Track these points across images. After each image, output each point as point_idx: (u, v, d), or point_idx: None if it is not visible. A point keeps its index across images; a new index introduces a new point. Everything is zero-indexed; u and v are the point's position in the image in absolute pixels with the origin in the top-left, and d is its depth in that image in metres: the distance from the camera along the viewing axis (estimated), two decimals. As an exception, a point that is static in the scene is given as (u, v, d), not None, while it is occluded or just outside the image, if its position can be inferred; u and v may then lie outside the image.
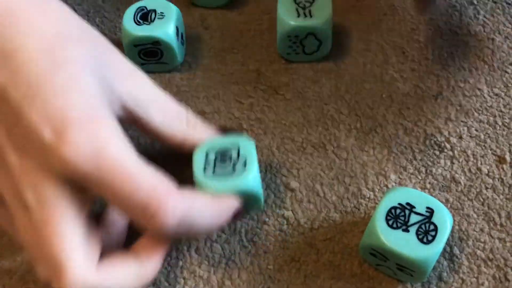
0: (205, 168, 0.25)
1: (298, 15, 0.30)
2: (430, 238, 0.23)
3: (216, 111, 0.31)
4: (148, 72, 0.32)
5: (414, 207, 0.23)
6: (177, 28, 0.32)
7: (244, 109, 0.31)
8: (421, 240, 0.23)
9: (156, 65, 0.32)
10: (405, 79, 0.31)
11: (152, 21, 0.31)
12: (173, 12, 0.32)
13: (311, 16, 0.30)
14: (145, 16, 0.31)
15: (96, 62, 0.23)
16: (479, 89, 0.30)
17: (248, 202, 0.25)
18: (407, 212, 0.23)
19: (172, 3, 0.34)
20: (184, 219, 0.22)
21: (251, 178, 0.24)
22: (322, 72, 0.32)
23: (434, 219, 0.23)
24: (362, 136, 0.29)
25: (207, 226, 0.23)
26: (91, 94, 0.23)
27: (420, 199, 0.24)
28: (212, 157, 0.25)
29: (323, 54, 0.32)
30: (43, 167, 0.21)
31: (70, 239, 0.21)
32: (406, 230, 0.23)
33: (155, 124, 0.25)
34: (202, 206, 0.23)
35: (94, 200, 0.23)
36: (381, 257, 0.24)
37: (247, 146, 0.25)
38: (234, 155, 0.25)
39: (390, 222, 0.23)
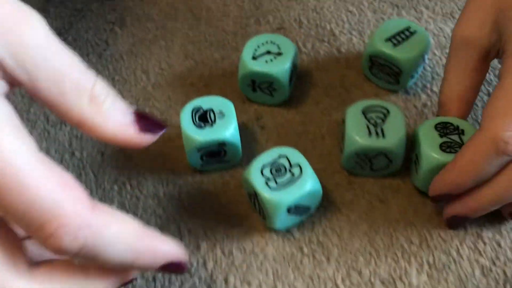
0: (267, 184, 0.26)
1: (370, 133, 0.28)
2: None
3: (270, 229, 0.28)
4: (209, 171, 0.30)
5: None
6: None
7: (304, 229, 0.28)
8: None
9: (218, 164, 0.30)
10: (480, 206, 0.29)
11: (213, 122, 0.29)
12: (231, 110, 0.30)
13: (383, 136, 0.28)
14: (204, 117, 0.29)
15: None
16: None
17: (313, 200, 0.27)
18: None
19: (227, 97, 0.32)
20: (88, 246, 0.18)
21: (312, 178, 0.27)
22: (389, 189, 0.30)
23: None
24: (435, 273, 0.27)
25: (119, 261, 0.19)
26: None
27: None
28: (267, 172, 0.27)
29: (391, 172, 0.30)
30: None
31: None
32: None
33: (44, 94, 0.19)
34: (117, 236, 0.19)
35: None
36: None
37: (293, 152, 0.28)
38: (286, 163, 0.27)
39: None
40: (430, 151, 0.27)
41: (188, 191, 0.30)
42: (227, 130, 0.29)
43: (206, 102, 0.30)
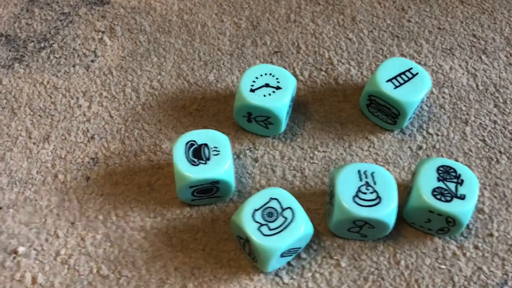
0: (259, 230, 0.26)
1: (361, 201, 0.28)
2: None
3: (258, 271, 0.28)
4: (197, 205, 0.30)
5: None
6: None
7: (293, 273, 0.28)
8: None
9: (208, 199, 0.30)
10: (468, 259, 0.29)
11: (208, 159, 0.28)
12: (227, 146, 0.29)
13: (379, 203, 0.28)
14: (198, 153, 0.28)
15: None
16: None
17: (304, 241, 0.27)
18: None
19: (221, 124, 0.31)
20: None
21: (304, 221, 0.26)
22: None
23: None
24: (422, 327, 0.27)
25: None
26: None
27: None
28: (259, 217, 0.26)
29: (382, 236, 0.29)
30: None
31: None
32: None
33: None
34: None
35: None
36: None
37: (284, 194, 0.27)
38: (278, 207, 0.26)
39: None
40: (421, 193, 0.27)
41: (176, 225, 0.29)
42: (222, 168, 0.28)
43: (201, 135, 0.29)
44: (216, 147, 0.29)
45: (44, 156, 0.31)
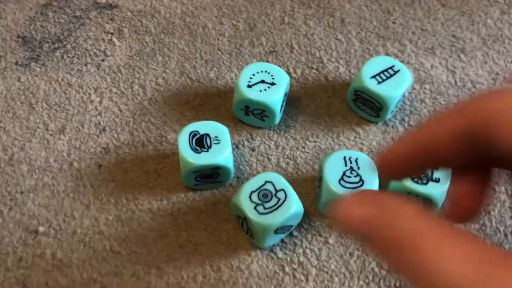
0: (256, 209, 0.29)
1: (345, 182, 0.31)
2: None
3: (256, 248, 0.31)
4: (200, 190, 0.33)
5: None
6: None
7: (287, 249, 0.31)
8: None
9: (210, 184, 0.33)
10: (444, 236, 0.32)
11: (209, 147, 0.31)
12: (226, 136, 0.32)
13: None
14: (200, 142, 0.31)
15: None
16: None
17: (296, 219, 0.30)
18: None
19: (221, 117, 0.34)
20: None
21: (296, 201, 0.30)
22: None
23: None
24: (401, 296, 0.30)
25: None
26: None
27: None
28: (255, 198, 0.29)
29: None
30: None
31: None
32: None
33: None
34: None
35: None
36: None
37: (277, 178, 0.30)
38: (272, 189, 0.30)
39: None
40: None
41: (180, 208, 0.32)
42: (222, 155, 0.31)
43: (203, 126, 0.32)
44: (217, 137, 0.32)
45: (60, 146, 0.35)
